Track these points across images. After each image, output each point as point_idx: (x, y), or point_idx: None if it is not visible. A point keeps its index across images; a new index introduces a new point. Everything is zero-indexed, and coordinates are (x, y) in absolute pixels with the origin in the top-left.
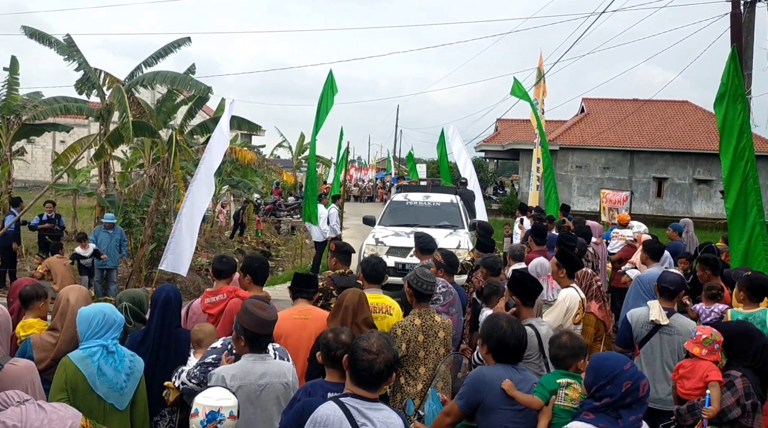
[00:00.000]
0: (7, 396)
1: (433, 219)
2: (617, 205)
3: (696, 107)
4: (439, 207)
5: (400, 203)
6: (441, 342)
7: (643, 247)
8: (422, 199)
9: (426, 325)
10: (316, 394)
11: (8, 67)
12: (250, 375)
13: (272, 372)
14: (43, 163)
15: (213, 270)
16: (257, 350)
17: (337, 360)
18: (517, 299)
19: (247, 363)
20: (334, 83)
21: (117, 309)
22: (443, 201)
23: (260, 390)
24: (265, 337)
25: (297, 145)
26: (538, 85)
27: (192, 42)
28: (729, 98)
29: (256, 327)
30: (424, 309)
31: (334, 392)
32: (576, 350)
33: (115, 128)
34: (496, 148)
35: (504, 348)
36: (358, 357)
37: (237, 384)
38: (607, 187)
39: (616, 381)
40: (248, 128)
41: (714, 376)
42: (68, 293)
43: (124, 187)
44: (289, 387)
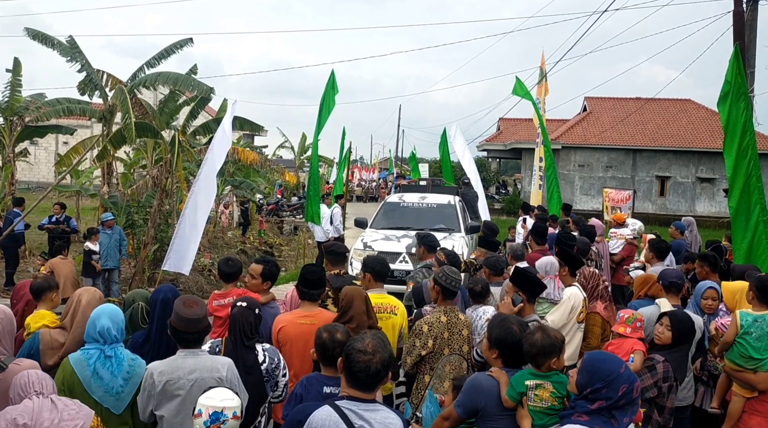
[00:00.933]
0: (28, 384)
1: (427, 221)
2: (620, 204)
3: (699, 105)
4: (435, 208)
5: (395, 204)
6: (464, 339)
7: (649, 246)
8: (418, 201)
9: (451, 322)
10: (313, 388)
11: (11, 69)
12: (179, 370)
13: (203, 367)
14: (46, 165)
15: (220, 274)
16: (187, 346)
17: (334, 360)
18: (524, 295)
19: (177, 359)
20: (335, 83)
21: (131, 309)
22: (440, 202)
23: (190, 384)
24: (193, 334)
25: (299, 145)
26: (540, 84)
27: (194, 43)
28: (732, 97)
29: (182, 325)
30: (449, 307)
31: (331, 386)
32: (548, 348)
33: (117, 129)
34: (499, 147)
35: (518, 353)
36: (354, 359)
37: (164, 380)
38: (609, 186)
39: (613, 385)
40: (250, 128)
41: (639, 347)
42: (82, 294)
43: (126, 187)
44: (223, 382)
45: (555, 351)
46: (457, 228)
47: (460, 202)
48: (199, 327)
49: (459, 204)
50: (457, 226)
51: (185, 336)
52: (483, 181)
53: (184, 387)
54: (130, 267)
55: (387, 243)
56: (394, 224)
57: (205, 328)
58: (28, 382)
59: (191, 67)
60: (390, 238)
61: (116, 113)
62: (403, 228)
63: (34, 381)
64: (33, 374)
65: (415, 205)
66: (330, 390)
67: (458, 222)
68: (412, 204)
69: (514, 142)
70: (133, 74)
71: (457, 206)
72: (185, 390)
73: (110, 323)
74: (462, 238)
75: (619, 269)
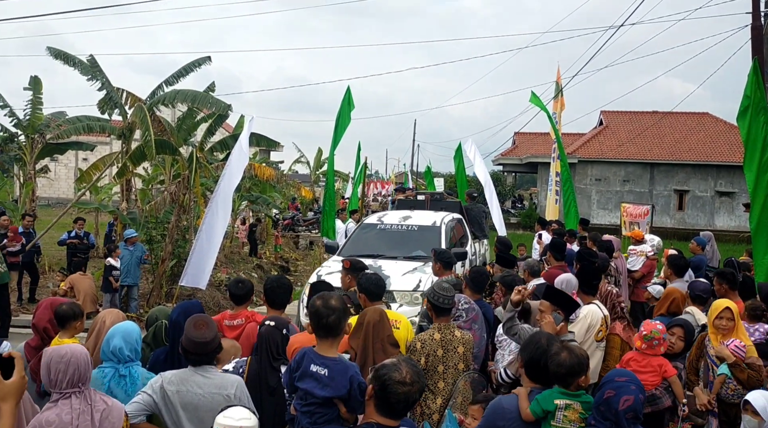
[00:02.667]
0: (60, 377)
1: (403, 248)
2: (638, 219)
3: (717, 119)
4: (415, 232)
5: (371, 227)
6: (460, 357)
7: (668, 263)
8: (398, 222)
9: (445, 340)
10: (304, 363)
11: (29, 87)
12: (188, 383)
13: (212, 384)
14: (66, 181)
15: (230, 296)
16: (196, 365)
17: (330, 328)
18: (563, 314)
19: (187, 372)
20: (351, 99)
21: (155, 326)
22: (423, 224)
23: (197, 399)
24: (202, 355)
25: (315, 160)
26: (556, 99)
27: (212, 60)
28: (752, 111)
29: (191, 347)
30: (443, 324)
31: (318, 365)
32: (575, 368)
33: (137, 146)
34: (514, 161)
35: (537, 368)
36: (393, 390)
37: (174, 389)
38: (627, 200)
39: (604, 387)
40: (267, 144)
41: (670, 371)
42: (106, 316)
43: (145, 203)
44: (231, 399)
45: (582, 370)
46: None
47: (454, 222)
48: (208, 349)
49: (449, 224)
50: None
51: (194, 357)
52: (498, 196)
53: (191, 401)
54: (147, 282)
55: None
56: (365, 250)
57: (215, 349)
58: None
59: (209, 85)
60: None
61: (135, 130)
62: (374, 256)
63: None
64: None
65: (394, 227)
66: (316, 369)
67: (440, 248)
68: (391, 226)
69: (529, 156)
70: (152, 92)
71: (443, 228)
72: (192, 405)
73: (123, 343)
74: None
75: (638, 286)
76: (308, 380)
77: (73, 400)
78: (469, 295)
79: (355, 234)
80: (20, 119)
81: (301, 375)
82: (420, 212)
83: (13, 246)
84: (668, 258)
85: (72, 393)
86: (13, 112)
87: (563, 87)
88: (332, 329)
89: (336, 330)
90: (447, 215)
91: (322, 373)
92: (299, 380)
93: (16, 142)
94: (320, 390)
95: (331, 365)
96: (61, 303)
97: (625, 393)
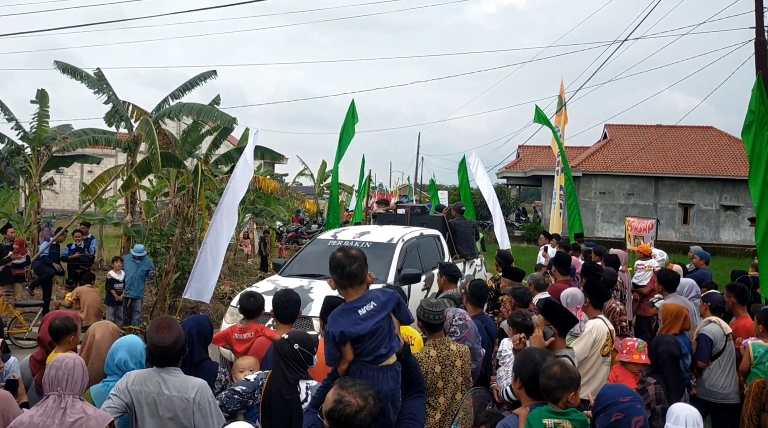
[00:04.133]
0: (45, 381)
1: None
2: (643, 233)
3: (721, 133)
4: (368, 250)
5: (323, 243)
6: (459, 370)
7: (657, 279)
8: (352, 238)
9: (442, 355)
10: (345, 316)
11: (36, 100)
12: (150, 383)
13: (173, 386)
14: (71, 193)
15: (241, 309)
16: (160, 366)
17: (354, 277)
18: (555, 329)
19: (151, 373)
20: (355, 112)
21: None
22: (379, 241)
23: (158, 399)
24: (164, 358)
25: (319, 173)
26: (559, 113)
27: (218, 74)
28: (756, 126)
29: (153, 349)
30: (438, 340)
31: (360, 306)
32: (566, 382)
33: (143, 159)
34: (518, 174)
35: (537, 383)
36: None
37: (137, 389)
38: (631, 214)
39: (609, 410)
40: (271, 157)
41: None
42: (95, 329)
43: (149, 216)
44: (190, 403)
45: (573, 385)
46: (383, 278)
47: (419, 239)
48: (170, 353)
49: (410, 242)
50: (385, 275)
51: (157, 360)
52: (503, 208)
53: (152, 401)
54: (151, 295)
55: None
56: (307, 269)
57: (178, 351)
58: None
59: (214, 98)
60: (298, 291)
61: (140, 143)
62: (317, 276)
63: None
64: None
65: (347, 244)
66: (366, 309)
67: (389, 269)
68: (344, 243)
69: (534, 169)
70: (158, 105)
71: (398, 247)
72: (153, 405)
73: (128, 356)
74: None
75: (644, 300)
76: (363, 324)
77: (48, 402)
78: (470, 310)
79: (305, 251)
80: (26, 132)
81: (350, 324)
82: (381, 228)
83: (19, 258)
84: (657, 273)
85: (50, 396)
86: (19, 125)
87: (566, 101)
88: (356, 276)
89: (360, 277)
90: (411, 231)
91: (372, 307)
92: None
93: (22, 154)
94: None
95: (369, 296)
96: (54, 318)
97: (635, 414)
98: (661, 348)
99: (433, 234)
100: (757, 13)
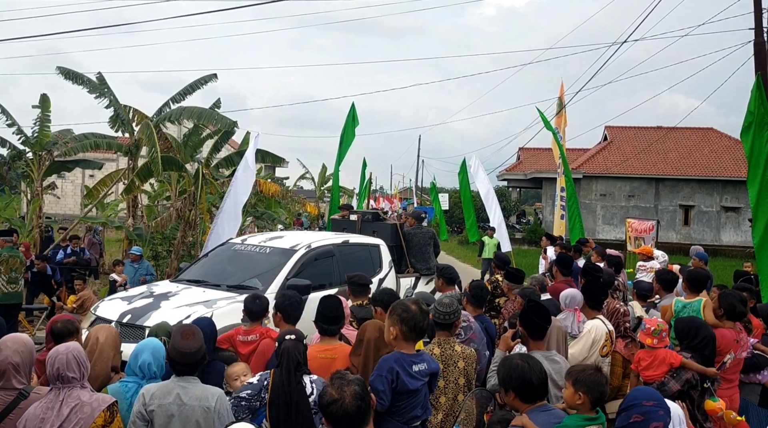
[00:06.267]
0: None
1: (239, 274)
2: (644, 234)
3: (722, 134)
4: (266, 256)
5: (229, 247)
6: (461, 371)
7: (656, 278)
8: (259, 243)
9: (445, 355)
10: (400, 367)
11: (38, 105)
12: (170, 395)
13: (193, 396)
14: (72, 197)
15: (246, 311)
16: (180, 374)
17: (422, 333)
18: (524, 331)
19: (169, 384)
20: (356, 115)
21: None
22: (281, 247)
23: (177, 409)
24: (187, 365)
25: (319, 176)
26: (559, 115)
27: (219, 78)
28: (756, 127)
29: (176, 356)
30: (443, 339)
31: (417, 362)
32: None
33: (144, 163)
34: (519, 176)
35: (529, 387)
36: (329, 412)
37: (156, 403)
38: (632, 216)
39: (630, 410)
40: (272, 161)
41: (677, 360)
42: (98, 331)
43: (151, 220)
44: (211, 412)
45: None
46: (262, 288)
47: (333, 248)
48: (193, 360)
49: (315, 251)
50: (267, 284)
51: (179, 367)
52: (503, 211)
53: (170, 415)
54: None
55: (135, 311)
56: (203, 275)
57: (200, 359)
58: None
59: (215, 102)
60: (156, 298)
61: (142, 147)
62: (206, 284)
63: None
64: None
65: (251, 249)
66: (418, 367)
67: (276, 277)
68: (249, 247)
69: (534, 172)
70: (158, 109)
71: (298, 255)
72: (171, 414)
73: (152, 359)
74: (229, 305)
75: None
76: (413, 380)
77: (50, 395)
78: (470, 311)
79: (209, 255)
80: (28, 137)
81: (406, 376)
82: (295, 234)
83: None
84: (656, 273)
85: (53, 388)
86: (21, 130)
87: (567, 103)
88: (424, 332)
89: (425, 332)
90: (329, 239)
91: (423, 369)
92: (403, 388)
93: (24, 159)
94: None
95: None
96: (56, 321)
97: (655, 419)
98: (702, 331)
99: (368, 243)
100: (756, 14)
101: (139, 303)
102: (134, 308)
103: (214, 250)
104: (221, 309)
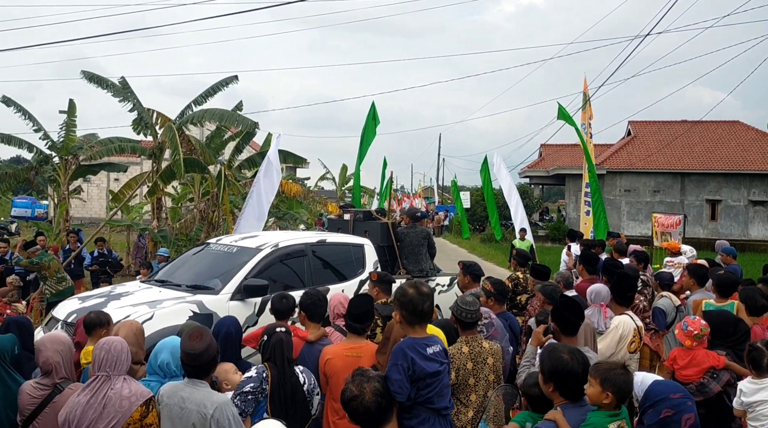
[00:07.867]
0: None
1: (203, 274)
2: (670, 229)
3: (748, 127)
4: (231, 255)
5: (205, 246)
6: (490, 368)
7: (689, 272)
8: (231, 242)
9: (474, 352)
10: (414, 351)
11: (65, 110)
12: (175, 396)
13: (193, 400)
14: (98, 201)
15: (272, 310)
16: (190, 377)
17: (425, 316)
18: (556, 326)
19: (179, 385)
20: (376, 114)
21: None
22: (246, 246)
23: (180, 412)
24: (194, 367)
25: (340, 177)
26: (584, 109)
27: (239, 80)
28: None
29: (184, 358)
30: (471, 337)
31: (430, 344)
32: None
33: (167, 165)
34: (541, 173)
35: (572, 383)
36: (350, 409)
37: (164, 402)
38: (658, 211)
39: (658, 406)
40: (294, 161)
41: (721, 362)
42: (119, 328)
43: (175, 221)
44: (206, 419)
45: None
46: (219, 288)
47: (304, 248)
48: (199, 361)
49: (282, 251)
50: (222, 285)
51: (187, 368)
52: (526, 208)
53: (176, 414)
54: None
55: (82, 305)
56: (170, 275)
57: (207, 362)
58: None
59: (237, 104)
60: (108, 298)
61: (165, 150)
62: (169, 284)
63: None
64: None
65: (222, 249)
66: (433, 350)
67: (234, 277)
68: (222, 247)
69: (556, 168)
70: (181, 112)
71: (261, 254)
72: (177, 417)
73: (171, 358)
74: (179, 306)
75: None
76: (430, 363)
77: (91, 386)
78: (494, 307)
79: (185, 255)
80: (54, 142)
81: (422, 360)
82: (267, 234)
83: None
84: (688, 267)
85: (98, 376)
86: (47, 135)
87: (590, 97)
88: (427, 315)
89: (430, 315)
90: (302, 238)
91: (438, 351)
92: (421, 372)
93: (51, 163)
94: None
95: (434, 338)
96: (90, 312)
97: (686, 411)
98: (741, 326)
99: (349, 243)
100: None
101: (90, 302)
102: (83, 307)
103: (190, 250)
104: (164, 309)
